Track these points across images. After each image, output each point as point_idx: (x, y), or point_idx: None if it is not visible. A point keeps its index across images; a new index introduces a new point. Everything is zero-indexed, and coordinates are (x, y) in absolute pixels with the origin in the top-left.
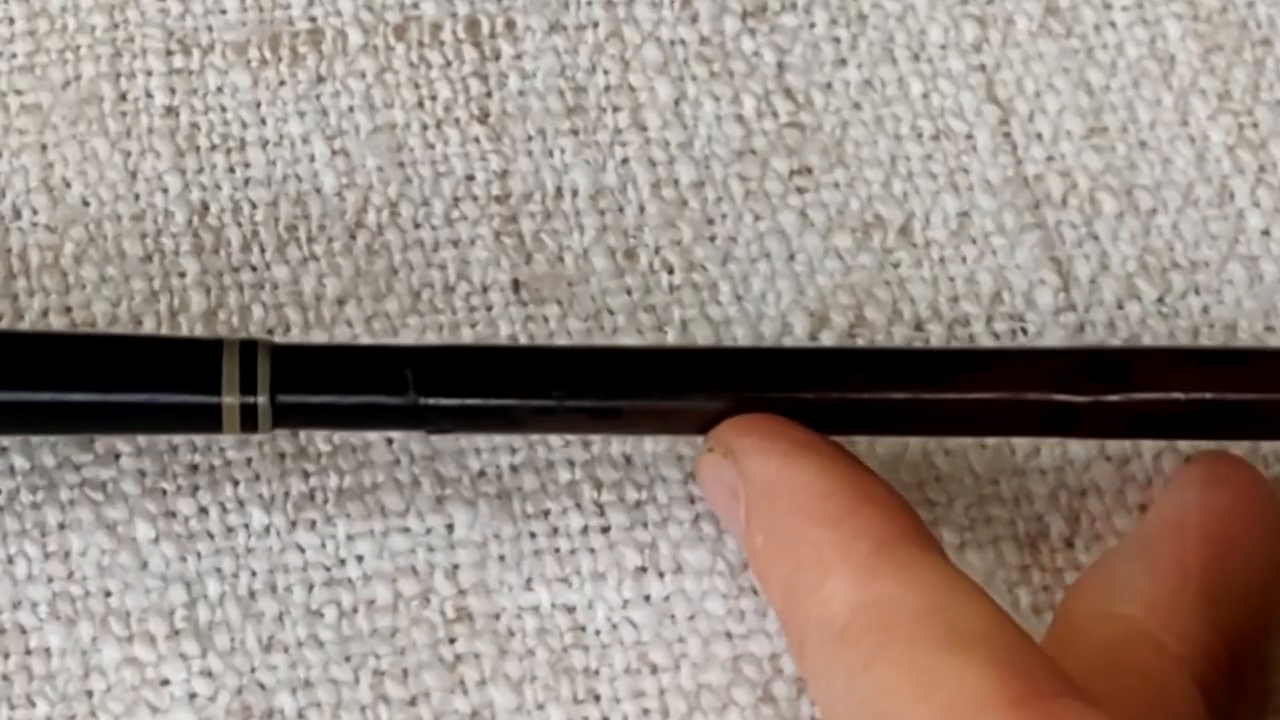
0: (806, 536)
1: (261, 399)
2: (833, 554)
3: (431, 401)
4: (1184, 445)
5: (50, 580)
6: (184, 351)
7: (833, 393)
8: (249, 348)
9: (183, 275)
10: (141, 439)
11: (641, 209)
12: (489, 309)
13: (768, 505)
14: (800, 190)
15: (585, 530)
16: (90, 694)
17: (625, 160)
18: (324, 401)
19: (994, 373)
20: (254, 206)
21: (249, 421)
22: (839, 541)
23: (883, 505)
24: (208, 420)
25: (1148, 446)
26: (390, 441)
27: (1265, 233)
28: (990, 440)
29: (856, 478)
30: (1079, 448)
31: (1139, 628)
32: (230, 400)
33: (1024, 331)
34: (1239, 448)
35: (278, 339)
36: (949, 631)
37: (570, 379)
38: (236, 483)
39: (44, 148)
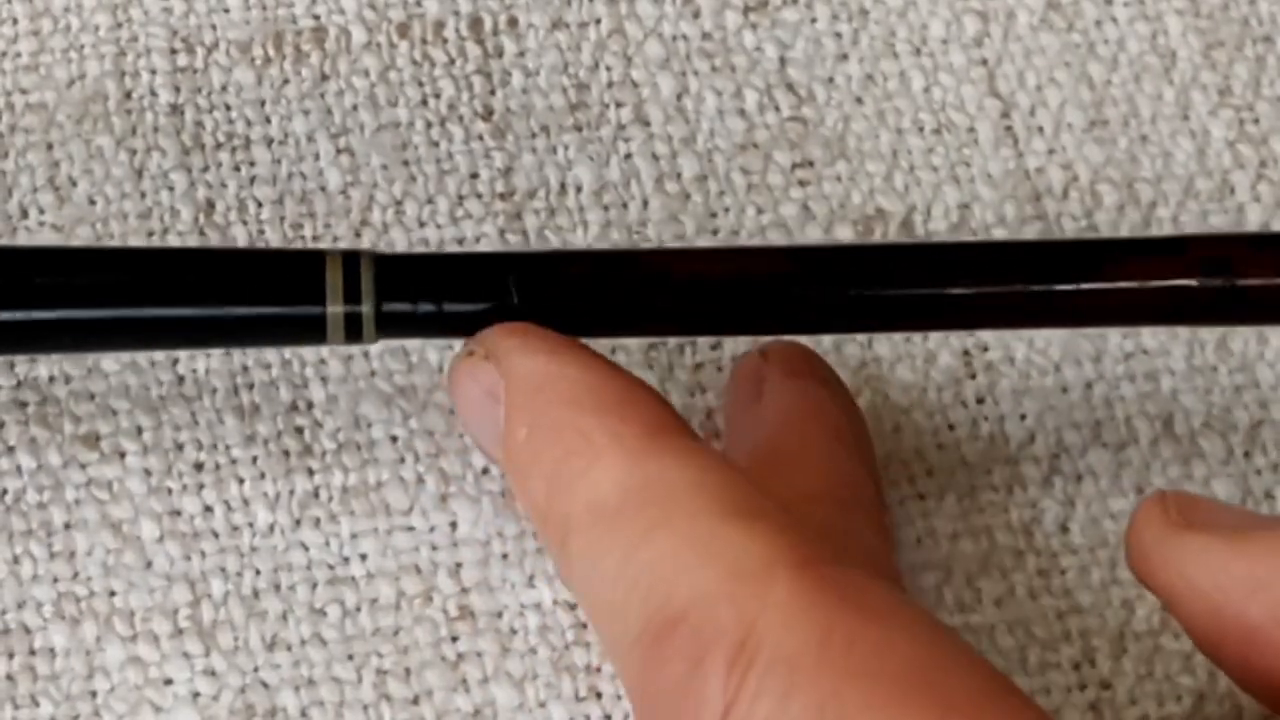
0: (575, 424)
1: (366, 308)
2: (603, 438)
3: (532, 307)
4: (1180, 428)
5: (55, 580)
6: (287, 263)
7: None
8: (352, 258)
9: None
10: (147, 440)
11: (645, 204)
12: None
13: (534, 398)
14: (802, 183)
15: None
16: (94, 694)
17: (628, 156)
18: (426, 310)
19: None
20: (259, 204)
21: (354, 331)
22: (609, 427)
23: (650, 399)
24: (312, 331)
25: (1144, 430)
26: (394, 439)
27: (1265, 227)
28: (984, 430)
29: (622, 376)
30: (1073, 433)
31: (834, 497)
32: (335, 310)
33: None
34: None
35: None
36: (729, 504)
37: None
38: (241, 481)
39: (49, 146)
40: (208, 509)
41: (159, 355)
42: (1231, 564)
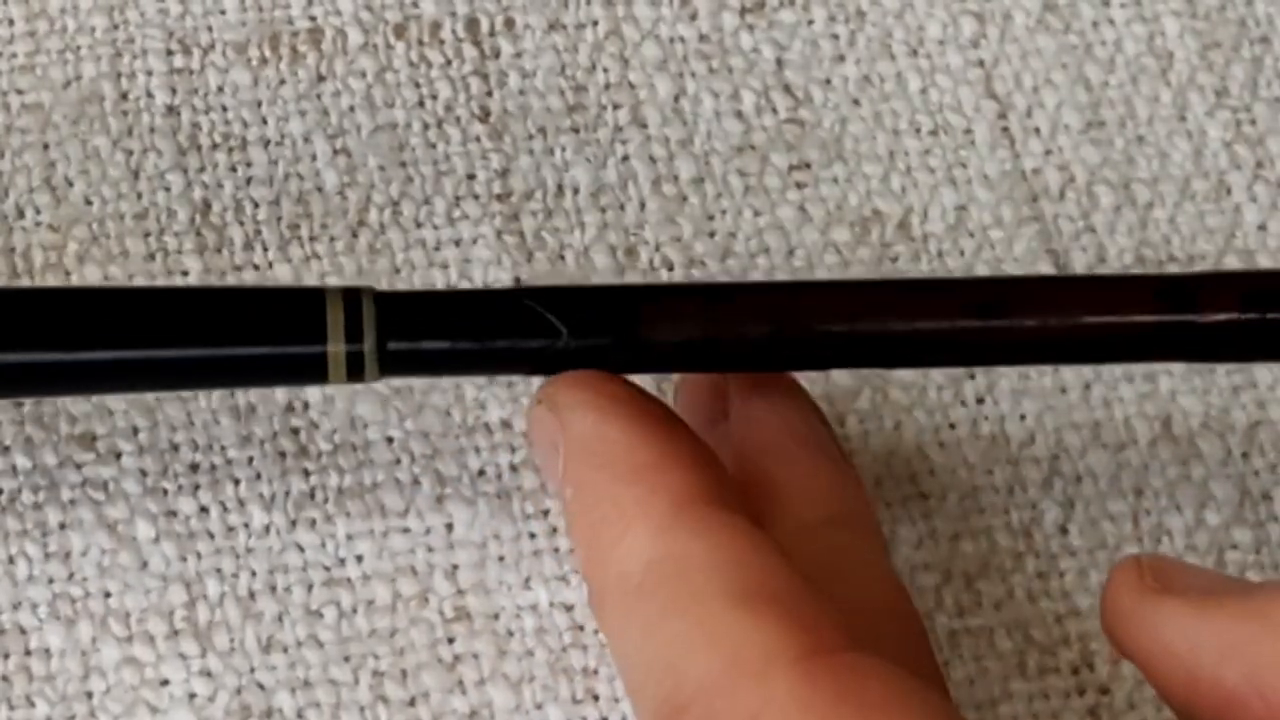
0: (609, 492)
1: (368, 346)
2: (633, 509)
3: (541, 343)
4: (1179, 428)
5: (50, 581)
6: (286, 301)
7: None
8: (353, 296)
9: (185, 274)
10: (143, 440)
11: (642, 205)
12: None
13: (581, 459)
14: (799, 185)
15: None
16: (90, 694)
17: (625, 157)
18: (430, 348)
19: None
20: (256, 205)
21: (355, 370)
22: (639, 497)
23: (686, 463)
24: (314, 370)
25: (1142, 431)
26: (390, 441)
27: (1261, 227)
28: (984, 430)
29: (665, 435)
30: (1073, 435)
31: (837, 522)
32: (336, 349)
33: None
34: None
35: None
36: (739, 586)
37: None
38: (237, 482)
39: (46, 147)
40: (203, 510)
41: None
42: (1205, 629)
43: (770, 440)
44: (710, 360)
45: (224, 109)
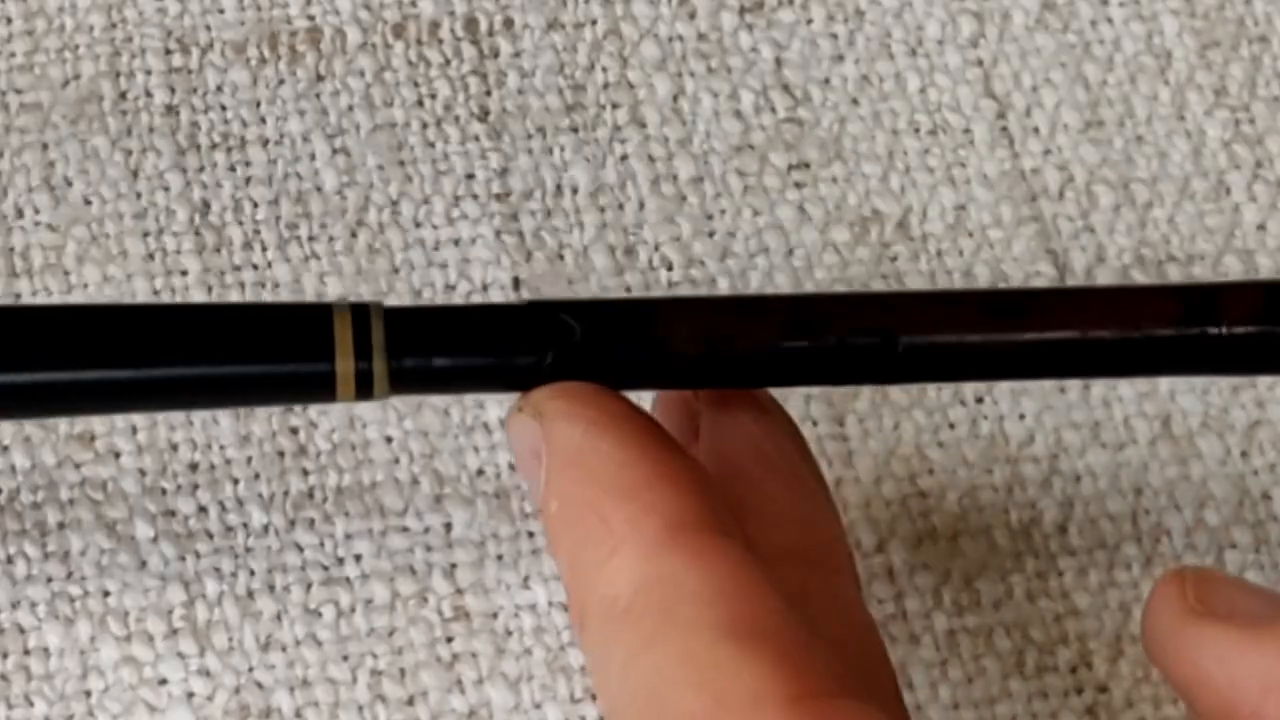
0: (599, 508)
1: (378, 364)
2: (623, 528)
3: (549, 360)
4: (1179, 428)
5: (49, 580)
6: (294, 318)
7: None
8: (361, 311)
9: (184, 274)
10: (141, 440)
11: (641, 205)
12: None
13: (566, 472)
14: (798, 185)
15: None
16: (88, 693)
17: (624, 157)
18: (439, 364)
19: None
20: (255, 205)
21: (365, 388)
22: (630, 516)
23: (681, 485)
24: (322, 388)
25: (1142, 431)
26: (389, 440)
27: (1261, 227)
28: (984, 429)
29: (661, 454)
30: (1072, 434)
31: (806, 557)
32: (345, 366)
33: None
34: None
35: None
36: (731, 621)
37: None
38: (236, 481)
39: (45, 146)
40: (202, 509)
41: None
42: (1247, 659)
43: (743, 465)
44: (727, 373)
45: (223, 108)
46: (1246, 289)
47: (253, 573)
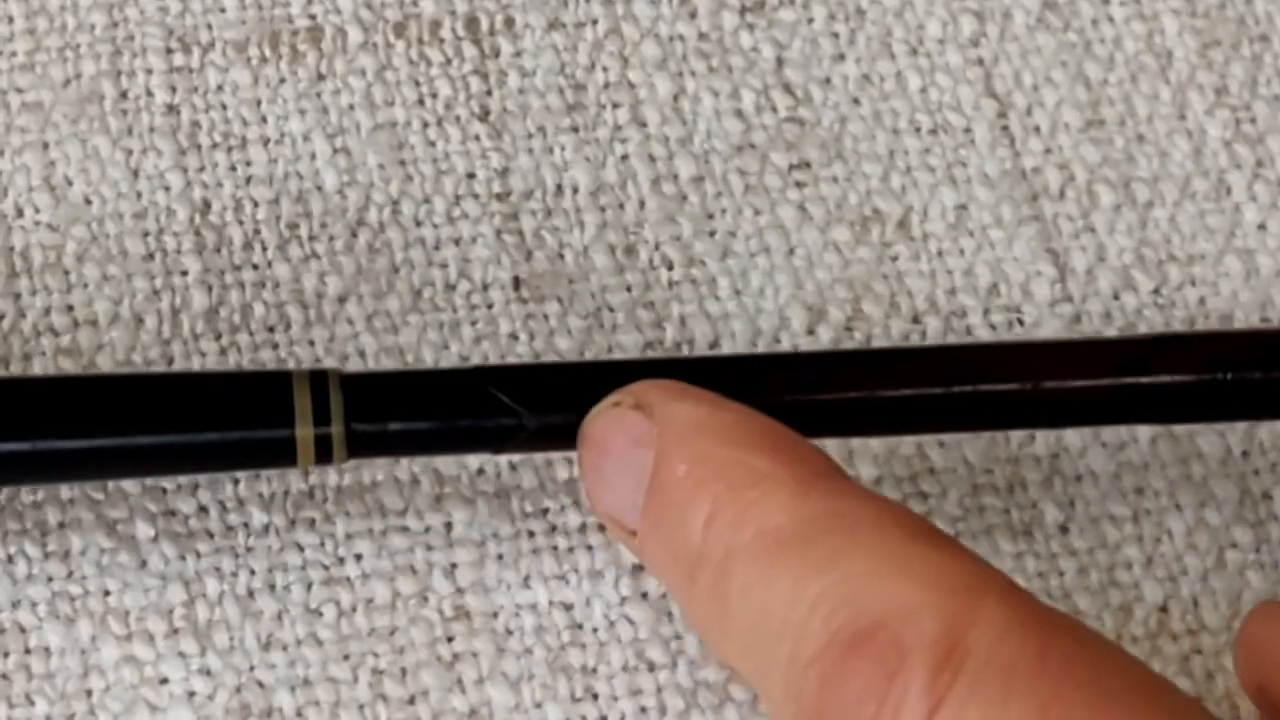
0: (743, 461)
1: (336, 429)
2: (775, 473)
3: (507, 422)
4: (1179, 427)
5: (50, 579)
6: (253, 386)
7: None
8: (319, 378)
9: (185, 273)
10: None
11: (641, 205)
12: (490, 307)
13: (696, 439)
14: (799, 185)
15: (583, 528)
16: (89, 693)
17: (625, 156)
18: (398, 428)
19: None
20: (255, 204)
21: (324, 453)
22: (781, 463)
23: (812, 448)
24: (281, 455)
25: (1143, 431)
26: None
27: (1261, 227)
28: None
29: (775, 423)
30: (1073, 434)
31: None
32: (304, 432)
33: (1020, 323)
34: None
35: (346, 369)
36: (921, 531)
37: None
38: (236, 481)
39: (45, 146)
40: (203, 509)
41: (154, 353)
42: None
43: None
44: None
45: (224, 108)
46: None
47: (253, 572)
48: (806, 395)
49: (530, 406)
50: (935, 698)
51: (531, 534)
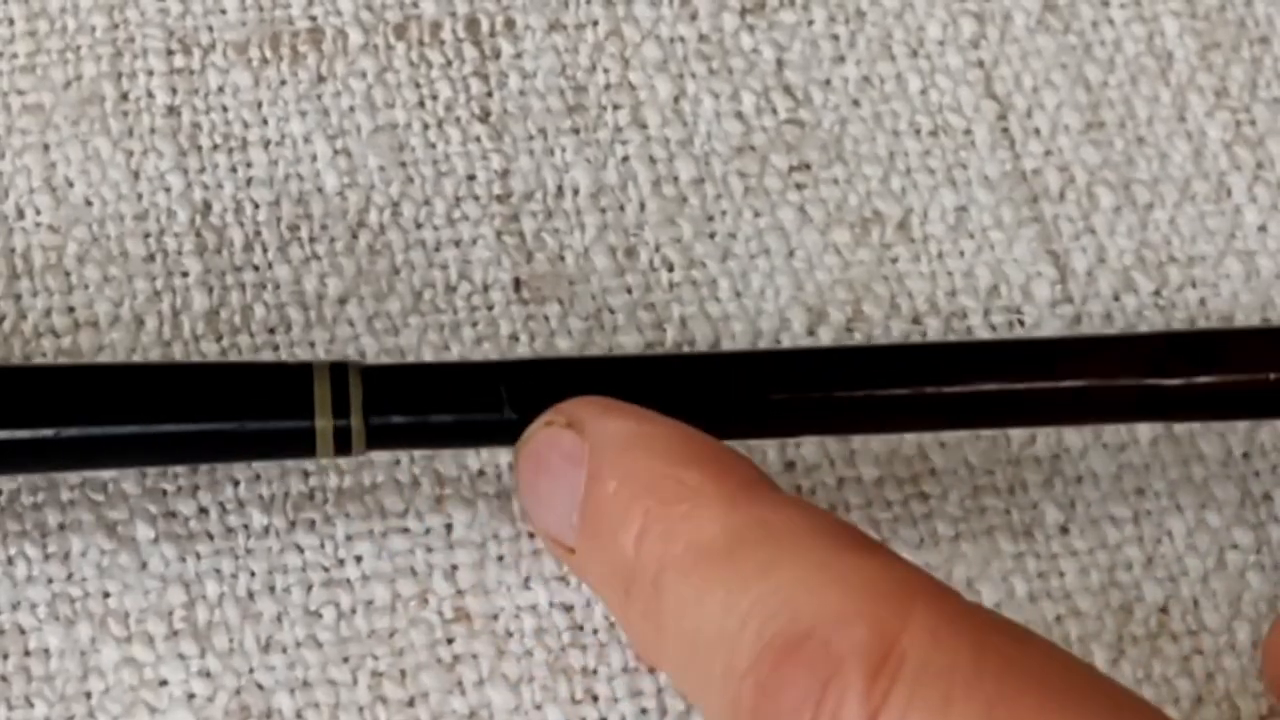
0: (673, 475)
1: (355, 421)
2: (703, 486)
3: (524, 416)
4: (1179, 428)
5: (50, 581)
6: (274, 377)
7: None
8: (339, 370)
9: (185, 275)
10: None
11: (642, 207)
12: (490, 308)
13: (625, 455)
14: (799, 186)
15: None
16: (89, 695)
17: (625, 158)
18: (417, 421)
19: (1090, 360)
20: (256, 206)
21: (343, 444)
22: (709, 476)
23: (741, 458)
24: (301, 445)
25: (1143, 432)
26: None
27: (1262, 228)
28: (986, 431)
29: (703, 436)
30: (1074, 435)
31: None
32: (323, 424)
33: (1020, 324)
34: None
35: (367, 361)
36: (849, 539)
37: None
38: (236, 483)
39: (46, 148)
40: (203, 511)
41: (154, 354)
42: None
43: None
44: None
45: (224, 109)
46: None
47: (253, 574)
48: (803, 393)
49: (512, 404)
50: (873, 705)
51: (532, 535)
